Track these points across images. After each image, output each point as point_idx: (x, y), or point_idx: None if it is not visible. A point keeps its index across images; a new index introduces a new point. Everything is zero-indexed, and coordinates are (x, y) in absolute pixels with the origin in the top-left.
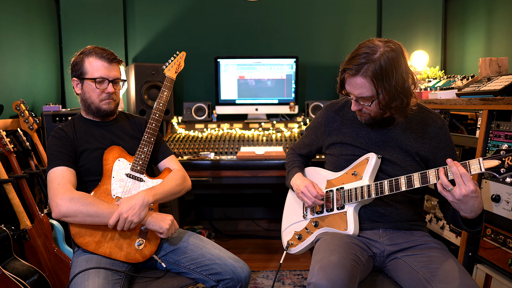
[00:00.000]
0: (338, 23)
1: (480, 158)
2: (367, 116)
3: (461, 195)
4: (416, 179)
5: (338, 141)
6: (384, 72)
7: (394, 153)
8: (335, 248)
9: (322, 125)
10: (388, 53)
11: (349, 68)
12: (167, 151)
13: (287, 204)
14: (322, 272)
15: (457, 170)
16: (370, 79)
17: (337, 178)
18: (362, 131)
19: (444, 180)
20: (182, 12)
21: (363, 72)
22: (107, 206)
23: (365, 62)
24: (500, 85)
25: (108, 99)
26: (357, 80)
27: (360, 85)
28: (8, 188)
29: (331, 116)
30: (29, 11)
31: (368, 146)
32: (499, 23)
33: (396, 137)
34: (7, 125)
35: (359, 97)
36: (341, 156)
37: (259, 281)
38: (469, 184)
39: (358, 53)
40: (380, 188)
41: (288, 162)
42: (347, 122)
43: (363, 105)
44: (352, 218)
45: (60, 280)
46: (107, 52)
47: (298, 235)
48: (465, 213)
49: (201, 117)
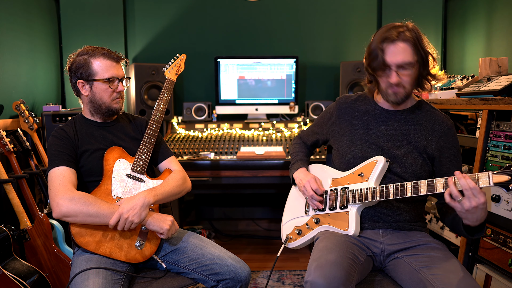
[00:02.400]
0: (338, 23)
1: (490, 172)
2: (402, 91)
3: (471, 207)
4: (422, 187)
5: (348, 134)
6: (419, 39)
7: (403, 148)
8: (333, 247)
9: (333, 115)
10: (414, 26)
11: (389, 36)
12: (168, 152)
13: (289, 199)
14: (319, 271)
15: (466, 183)
16: (411, 44)
17: (343, 177)
18: (373, 124)
19: (454, 191)
20: (182, 12)
21: (402, 36)
22: (108, 206)
23: (402, 30)
24: (500, 85)
25: (118, 97)
26: (399, 45)
27: (402, 49)
28: (8, 188)
29: (343, 108)
30: (29, 11)
31: (377, 139)
32: (499, 23)
33: (406, 132)
34: (7, 125)
35: (401, 64)
36: (349, 152)
37: (259, 281)
38: (480, 196)
39: (392, 26)
40: (386, 191)
41: (293, 152)
42: (358, 114)
43: (402, 76)
44: (354, 218)
45: (60, 280)
46: (113, 52)
47: (298, 230)
48: (469, 222)
49: (201, 117)
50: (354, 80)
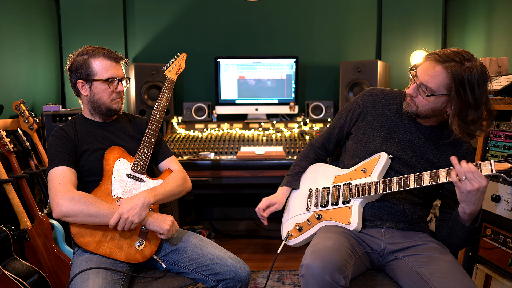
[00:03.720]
0: (338, 23)
1: (492, 160)
2: (414, 108)
3: (474, 188)
4: (426, 177)
5: (371, 128)
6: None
7: (420, 160)
8: (332, 236)
9: (360, 106)
10: (481, 68)
11: (437, 54)
12: (168, 151)
13: (290, 197)
14: (315, 254)
15: (468, 167)
16: (448, 76)
17: (345, 174)
18: (399, 128)
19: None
20: (182, 12)
21: (446, 65)
22: (108, 206)
23: (458, 60)
24: (500, 85)
25: (118, 98)
26: (436, 67)
27: (433, 73)
28: (8, 188)
29: (373, 100)
30: (29, 11)
31: (399, 144)
32: (499, 23)
33: (428, 146)
34: (7, 125)
35: (424, 83)
36: (367, 146)
37: (259, 281)
38: (482, 180)
39: (455, 51)
40: (389, 184)
41: (294, 163)
42: (387, 112)
43: (419, 95)
44: (356, 212)
45: (60, 280)
46: (113, 52)
47: (299, 227)
48: (466, 205)
49: (201, 117)
50: (354, 80)
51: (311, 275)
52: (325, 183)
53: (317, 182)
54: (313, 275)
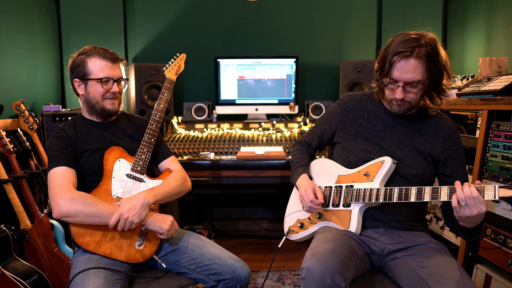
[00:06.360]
0: (338, 23)
1: (497, 185)
2: (407, 105)
3: (472, 215)
4: (427, 193)
5: (353, 132)
6: (435, 55)
7: (406, 151)
8: (331, 238)
9: (337, 114)
10: (433, 39)
11: (403, 51)
12: (168, 152)
13: (293, 193)
14: (315, 257)
15: (470, 192)
16: (423, 61)
17: (348, 175)
18: (379, 125)
19: (461, 195)
20: (182, 12)
21: (416, 53)
22: (108, 206)
23: (417, 45)
24: (500, 85)
25: (113, 99)
26: (411, 62)
27: (413, 68)
28: (8, 188)
29: (348, 106)
30: (29, 11)
31: (382, 140)
32: (499, 23)
33: (411, 135)
34: (7, 125)
35: (409, 81)
36: (352, 150)
37: (259, 281)
38: (482, 206)
39: (409, 38)
40: (389, 194)
41: (294, 159)
42: (364, 114)
43: (408, 92)
44: (356, 217)
45: (60, 280)
46: (110, 52)
47: (300, 223)
48: (465, 224)
49: (201, 117)
50: (354, 80)
51: (312, 278)
52: (328, 182)
53: (320, 180)
54: (313, 278)
